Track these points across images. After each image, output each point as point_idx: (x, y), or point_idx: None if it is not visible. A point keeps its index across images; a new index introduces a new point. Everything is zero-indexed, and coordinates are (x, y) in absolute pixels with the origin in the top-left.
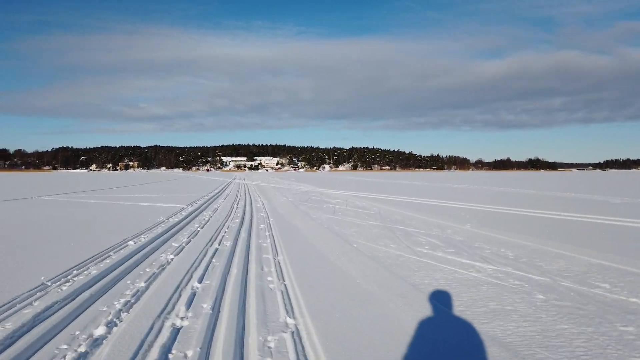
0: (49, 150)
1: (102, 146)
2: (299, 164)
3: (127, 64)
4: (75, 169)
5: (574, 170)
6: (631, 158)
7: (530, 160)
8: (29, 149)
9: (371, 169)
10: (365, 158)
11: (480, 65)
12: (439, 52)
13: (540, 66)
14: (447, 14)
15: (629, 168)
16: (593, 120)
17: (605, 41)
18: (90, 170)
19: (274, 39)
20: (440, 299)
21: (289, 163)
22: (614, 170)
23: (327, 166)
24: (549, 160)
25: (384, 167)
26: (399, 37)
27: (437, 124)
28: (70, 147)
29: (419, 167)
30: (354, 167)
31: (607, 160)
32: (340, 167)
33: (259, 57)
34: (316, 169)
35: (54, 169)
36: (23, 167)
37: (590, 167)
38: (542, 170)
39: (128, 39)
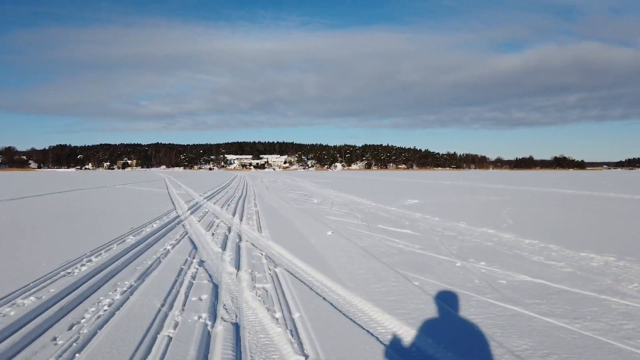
0: (46, 148)
1: (100, 144)
2: (309, 163)
3: (125, 59)
4: (69, 167)
5: (603, 169)
6: None
7: (556, 158)
8: (27, 148)
9: (386, 167)
10: (379, 156)
11: (498, 58)
12: (454, 44)
13: (560, 59)
14: (463, 1)
15: None
16: (611, 117)
17: (631, 31)
18: (86, 169)
19: (277, 30)
20: None
21: (298, 161)
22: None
23: (339, 165)
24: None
25: (400, 166)
26: (412, 27)
27: (448, 121)
28: (68, 145)
29: (438, 165)
30: (368, 166)
31: (628, 159)
32: (353, 166)
33: (262, 50)
34: (327, 168)
35: (40, 167)
36: (7, 166)
37: (605, 166)
38: (571, 169)
39: (125, 32)
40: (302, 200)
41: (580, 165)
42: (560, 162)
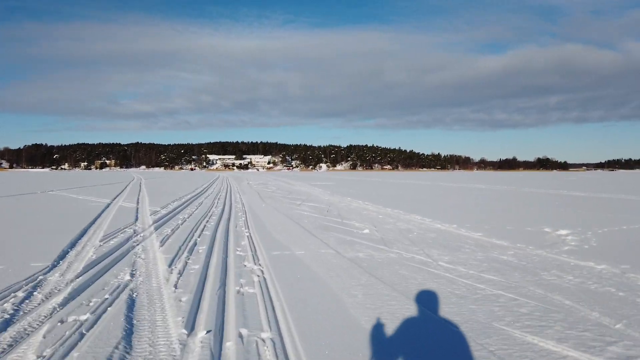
0: (21, 147)
1: (77, 143)
2: (293, 163)
3: (105, 56)
4: (43, 167)
5: (584, 170)
6: (633, 158)
7: (539, 159)
8: (0, 147)
9: (371, 168)
10: (364, 157)
11: (481, 59)
12: (438, 44)
13: (542, 61)
14: (448, 1)
15: (632, 168)
16: (591, 119)
17: (611, 34)
18: (62, 169)
19: (260, 28)
20: None
21: (282, 162)
22: (622, 170)
23: (323, 165)
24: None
25: (385, 167)
26: (397, 26)
27: (432, 122)
28: (44, 144)
29: (423, 166)
30: (353, 167)
31: (608, 161)
32: (338, 167)
33: (245, 48)
34: (312, 169)
35: (12, 167)
36: None
37: (585, 167)
38: (554, 171)
39: (104, 28)
40: (335, 228)
41: (563, 166)
42: (544, 164)
